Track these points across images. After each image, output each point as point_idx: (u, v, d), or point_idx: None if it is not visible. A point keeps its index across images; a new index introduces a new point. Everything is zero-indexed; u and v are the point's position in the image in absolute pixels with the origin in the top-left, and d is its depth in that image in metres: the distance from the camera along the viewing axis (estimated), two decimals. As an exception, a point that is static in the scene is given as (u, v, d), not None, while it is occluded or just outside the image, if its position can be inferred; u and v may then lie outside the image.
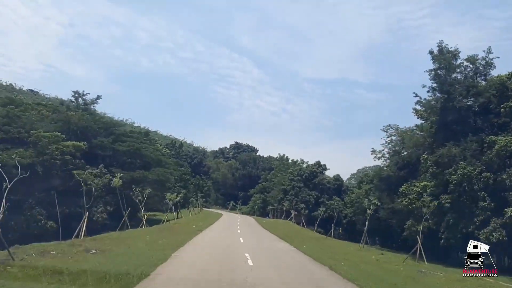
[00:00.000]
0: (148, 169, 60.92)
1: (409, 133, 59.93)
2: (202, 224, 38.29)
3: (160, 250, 17.59)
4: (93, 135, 59.48)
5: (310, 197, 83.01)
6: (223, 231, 32.52)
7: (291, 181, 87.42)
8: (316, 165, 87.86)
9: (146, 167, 61.61)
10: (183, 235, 25.85)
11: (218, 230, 32.89)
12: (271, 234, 32.79)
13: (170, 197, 46.26)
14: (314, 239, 35.46)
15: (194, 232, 27.99)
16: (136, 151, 58.18)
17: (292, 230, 42.70)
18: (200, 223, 40.06)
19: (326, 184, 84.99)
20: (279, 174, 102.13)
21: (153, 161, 62.76)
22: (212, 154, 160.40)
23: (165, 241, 21.28)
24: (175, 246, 19.55)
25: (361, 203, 71.97)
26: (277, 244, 26.64)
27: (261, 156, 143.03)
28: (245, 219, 61.84)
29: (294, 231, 41.85)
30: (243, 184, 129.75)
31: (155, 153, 63.07)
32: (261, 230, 37.71)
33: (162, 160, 64.24)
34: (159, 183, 61.48)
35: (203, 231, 29.03)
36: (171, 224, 36.87)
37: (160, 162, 63.71)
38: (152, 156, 61.83)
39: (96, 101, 66.20)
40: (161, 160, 63.93)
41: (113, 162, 59.16)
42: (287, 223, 58.69)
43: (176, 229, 31.69)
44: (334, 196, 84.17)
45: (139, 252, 16.41)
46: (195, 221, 44.12)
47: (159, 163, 63.72)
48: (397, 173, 58.86)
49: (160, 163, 64.03)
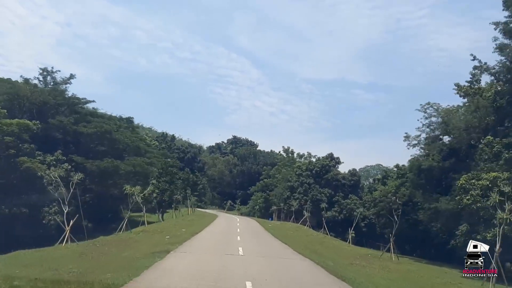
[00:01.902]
0: (123, 158, 47.97)
1: (456, 112, 47.05)
2: (183, 233, 25.33)
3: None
4: (53, 114, 46.42)
5: (322, 195, 70.00)
6: (214, 247, 18.99)
7: (298, 177, 74.40)
8: (328, 158, 74.86)
9: (121, 156, 48.64)
10: (126, 262, 12.95)
11: (206, 245, 19.65)
12: (300, 255, 19.23)
13: (130, 190, 32.19)
14: (362, 258, 22.56)
15: (158, 252, 15.06)
16: (105, 134, 45.01)
17: (315, 241, 29.74)
18: (182, 230, 27.10)
19: (341, 180, 72.00)
20: (284, 169, 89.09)
21: (129, 149, 49.67)
22: (208, 150, 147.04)
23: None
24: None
25: (388, 202, 59.20)
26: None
27: (262, 150, 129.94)
28: (246, 222, 48.73)
29: (317, 242, 28.92)
30: (242, 182, 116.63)
31: (131, 139, 49.93)
32: (275, 243, 24.42)
33: (141, 148, 51.11)
34: (138, 176, 48.58)
35: (176, 249, 16.11)
36: (132, 234, 23.83)
37: (138, 150, 50.63)
38: (127, 141, 48.67)
39: (69, 81, 52.73)
40: (139, 147, 50.82)
41: (78, 148, 46.15)
42: (300, 228, 45.70)
43: (133, 244, 18.82)
44: (350, 194, 71.21)
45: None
46: (176, 226, 31.19)
47: (137, 151, 50.60)
48: (441, 163, 46.08)
49: (139, 152, 50.91)
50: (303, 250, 21.74)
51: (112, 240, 19.51)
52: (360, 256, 22.17)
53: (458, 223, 42.80)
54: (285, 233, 35.24)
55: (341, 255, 22.13)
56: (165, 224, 32.95)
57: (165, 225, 31.28)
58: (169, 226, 31.19)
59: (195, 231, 26.74)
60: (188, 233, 24.82)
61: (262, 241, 23.48)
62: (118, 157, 47.34)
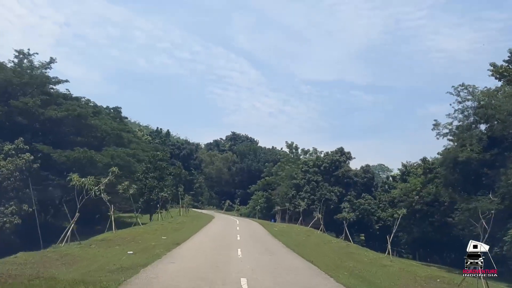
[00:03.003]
0: (102, 149, 40.41)
1: (496, 94, 39.57)
2: (160, 243, 17.77)
3: None
4: (19, 96, 38.86)
5: (331, 194, 62.51)
6: (198, 273, 10.96)
7: (305, 174, 66.89)
8: (339, 153, 67.31)
9: (99, 146, 41.08)
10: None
11: (186, 268, 11.47)
12: (341, 286, 11.61)
13: (79, 181, 24.62)
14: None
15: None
16: (79, 119, 37.40)
17: (342, 253, 22.07)
18: (161, 239, 19.58)
19: (353, 177, 64.47)
20: (287, 166, 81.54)
21: (110, 138, 42.06)
22: (206, 147, 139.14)
23: None
24: None
25: (411, 202, 51.77)
26: None
27: (263, 147, 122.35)
28: (248, 225, 40.97)
29: (345, 254, 21.27)
30: (242, 180, 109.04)
31: (111, 126, 42.26)
32: (296, 261, 16.34)
33: (123, 137, 43.44)
34: (122, 170, 40.92)
35: (125, 284, 8.70)
36: (77, 248, 16.10)
37: (120, 139, 42.97)
38: (107, 129, 41.06)
39: (49, 66, 44.79)
40: (121, 136, 43.13)
41: (47, 136, 38.60)
42: (312, 232, 38.11)
43: (57, 266, 11.22)
44: (363, 193, 63.75)
45: None
46: (157, 232, 23.65)
47: (119, 141, 42.98)
48: (482, 155, 38.66)
49: (121, 142, 43.30)
50: (336, 271, 14.34)
51: (26, 261, 11.86)
52: (422, 279, 14.74)
53: (505, 226, 35.60)
54: (298, 240, 27.72)
55: (393, 278, 14.63)
56: (143, 229, 25.35)
57: (143, 231, 23.74)
58: (148, 231, 23.65)
59: (178, 239, 19.23)
60: (167, 244, 17.29)
61: (276, 259, 15.94)
62: (95, 147, 39.76)
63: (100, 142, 42.06)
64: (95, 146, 40.15)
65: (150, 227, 27.43)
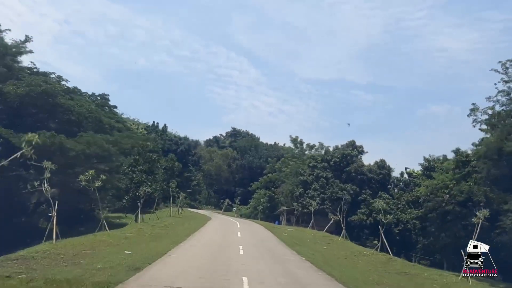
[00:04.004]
0: (76, 135, 33.52)
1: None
2: (118, 262, 10.87)
3: None
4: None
5: (344, 192, 55.55)
6: None
7: (313, 170, 59.92)
8: (350, 147, 60.33)
9: (74, 132, 34.16)
10: None
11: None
12: None
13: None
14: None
15: None
16: (44, 97, 30.46)
17: (392, 271, 15.15)
18: (123, 254, 12.60)
19: (367, 174, 57.51)
20: (292, 162, 74.60)
21: (87, 123, 35.17)
22: (205, 144, 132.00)
23: None
24: None
25: (441, 203, 44.77)
26: None
27: (265, 143, 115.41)
28: (251, 230, 33.62)
29: (404, 278, 14.32)
30: (242, 178, 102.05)
31: (88, 108, 35.27)
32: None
33: (104, 122, 36.41)
34: (104, 161, 34.27)
35: None
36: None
37: (100, 125, 36.04)
38: (83, 111, 34.13)
39: (24, 46, 37.73)
40: (101, 121, 36.14)
41: (3, 117, 31.75)
42: (330, 238, 31.12)
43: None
44: (379, 191, 56.80)
45: None
46: (125, 242, 16.68)
47: (99, 126, 36.08)
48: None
49: (102, 128, 36.39)
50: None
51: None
52: None
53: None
54: (321, 251, 20.78)
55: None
56: (108, 237, 18.04)
57: (106, 239, 16.68)
58: (113, 240, 16.67)
59: (147, 257, 12.32)
60: (121, 267, 10.40)
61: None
62: (71, 133, 32.87)
63: (76, 128, 35.13)
64: (69, 132, 33.29)
65: (121, 232, 20.54)
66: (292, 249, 19.76)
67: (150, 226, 25.99)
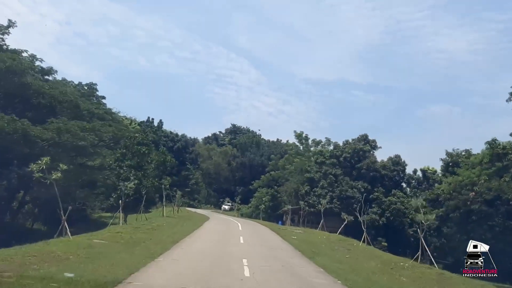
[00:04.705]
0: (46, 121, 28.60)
1: None
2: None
3: None
4: None
5: (354, 190, 50.65)
6: None
7: (320, 166, 55.01)
8: (362, 141, 55.38)
9: (44, 116, 29.24)
10: None
11: None
12: None
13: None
14: None
15: None
16: (7, 75, 25.56)
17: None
18: (63, 277, 7.70)
19: (381, 170, 52.54)
20: (296, 158, 69.66)
21: (61, 108, 30.26)
22: (204, 141, 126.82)
23: None
24: None
25: (465, 201, 39.83)
26: None
27: (267, 140, 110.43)
28: (256, 232, 28.44)
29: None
30: (243, 176, 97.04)
31: (61, 90, 30.24)
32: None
33: (81, 108, 31.34)
34: (73, 152, 29.45)
35: None
36: None
37: (76, 109, 31.09)
38: (56, 94, 29.18)
39: (7, 31, 32.70)
40: (78, 106, 31.10)
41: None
42: (349, 242, 26.15)
43: None
44: (393, 189, 51.87)
45: None
46: (84, 252, 11.78)
47: (75, 112, 31.15)
48: None
49: (79, 114, 31.47)
50: None
51: None
52: None
53: None
54: (347, 262, 15.81)
55: None
56: (61, 246, 12.87)
57: (50, 250, 11.61)
58: (64, 251, 11.69)
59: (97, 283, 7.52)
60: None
61: None
62: (40, 119, 27.96)
63: (51, 114, 30.17)
64: (40, 119, 28.35)
65: (89, 239, 15.61)
66: (314, 262, 14.80)
67: (132, 229, 21.05)
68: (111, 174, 36.63)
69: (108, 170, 36.97)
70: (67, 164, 31.11)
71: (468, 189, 39.55)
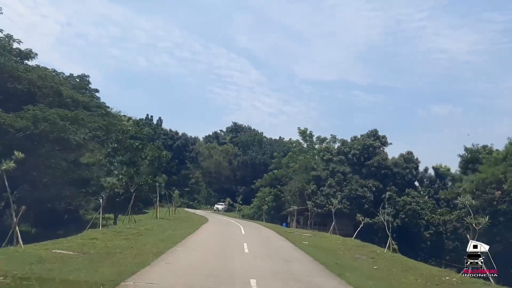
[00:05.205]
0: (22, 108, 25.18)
1: None
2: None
3: None
4: None
5: (364, 190, 47.10)
6: None
7: (327, 163, 51.46)
8: (372, 137, 51.79)
9: (21, 103, 25.80)
10: None
11: None
12: None
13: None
14: None
15: None
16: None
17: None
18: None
19: (392, 168, 48.96)
20: (301, 156, 66.19)
21: (40, 94, 26.86)
22: (204, 140, 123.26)
23: None
24: None
25: (491, 201, 36.25)
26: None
27: (269, 138, 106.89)
28: (264, 240, 23.88)
29: None
30: (244, 176, 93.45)
31: (40, 73, 26.74)
32: None
33: (63, 94, 27.80)
34: (51, 143, 26.03)
35: None
36: None
37: (59, 97, 27.64)
38: (33, 79, 25.75)
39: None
40: (60, 93, 27.58)
41: None
42: (370, 249, 22.60)
43: None
44: (407, 188, 48.27)
45: None
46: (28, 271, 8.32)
47: (58, 100, 27.71)
48: None
49: (61, 101, 28.03)
50: None
51: None
52: None
53: None
54: (383, 279, 12.22)
55: None
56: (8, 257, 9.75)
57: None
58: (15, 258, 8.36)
59: None
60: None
61: None
62: (16, 107, 24.49)
63: (30, 102, 26.69)
64: (16, 107, 24.88)
65: (56, 245, 12.21)
66: (345, 281, 11.23)
67: (112, 234, 17.56)
68: (100, 170, 33.19)
69: (96, 166, 33.54)
70: (48, 159, 27.56)
71: (493, 188, 36.01)
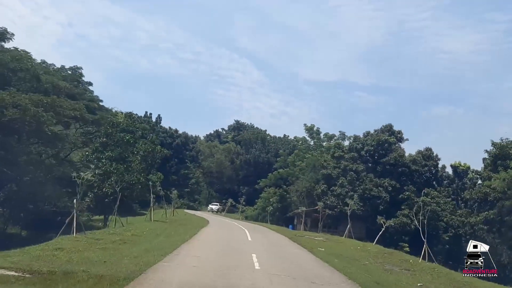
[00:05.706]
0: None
1: None
2: None
3: None
4: None
5: (380, 189, 43.19)
6: None
7: (338, 161, 47.58)
8: (386, 132, 47.84)
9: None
10: None
11: None
12: None
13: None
14: None
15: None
16: None
17: None
18: None
19: (411, 166, 45.01)
20: (308, 154, 62.32)
21: (16, 78, 23.00)
22: (205, 139, 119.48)
23: None
24: None
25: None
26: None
27: (273, 136, 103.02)
28: (276, 248, 19.93)
29: None
30: (247, 175, 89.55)
31: (15, 53, 23.01)
32: None
33: (40, 79, 24.03)
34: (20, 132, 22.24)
35: None
36: None
37: (37, 83, 23.90)
38: (5, 60, 21.95)
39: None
40: (39, 79, 23.82)
41: None
42: (404, 259, 18.72)
43: None
44: (426, 188, 44.27)
45: None
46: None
47: (36, 86, 23.97)
48: None
49: (39, 88, 24.30)
50: None
51: None
52: None
53: None
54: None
55: None
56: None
57: None
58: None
59: None
60: None
61: None
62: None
63: (1, 86, 22.95)
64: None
65: (2, 260, 8.54)
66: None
67: (86, 243, 13.73)
68: (86, 168, 29.42)
69: (82, 163, 29.79)
70: (28, 154, 23.71)
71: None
